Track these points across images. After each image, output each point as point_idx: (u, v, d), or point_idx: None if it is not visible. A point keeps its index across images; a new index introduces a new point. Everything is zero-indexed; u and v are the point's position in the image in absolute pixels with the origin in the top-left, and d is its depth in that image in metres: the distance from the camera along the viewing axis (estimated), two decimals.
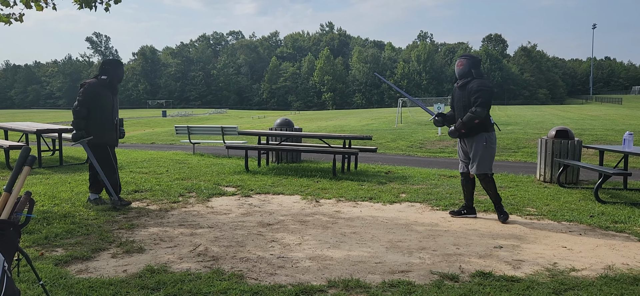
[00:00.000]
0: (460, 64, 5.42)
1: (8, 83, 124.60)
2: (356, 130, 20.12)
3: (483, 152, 5.30)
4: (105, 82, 5.75)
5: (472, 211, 5.62)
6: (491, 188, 5.39)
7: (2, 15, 6.52)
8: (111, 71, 5.77)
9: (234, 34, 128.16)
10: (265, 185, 7.35)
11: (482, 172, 5.33)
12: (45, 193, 6.34)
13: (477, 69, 5.34)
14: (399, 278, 3.53)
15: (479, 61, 5.43)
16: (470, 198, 5.59)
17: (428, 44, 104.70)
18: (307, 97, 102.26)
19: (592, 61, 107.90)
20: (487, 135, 5.29)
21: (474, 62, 5.36)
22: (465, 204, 5.64)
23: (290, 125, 10.77)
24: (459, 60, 5.45)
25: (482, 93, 5.14)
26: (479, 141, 5.29)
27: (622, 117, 28.36)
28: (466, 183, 5.57)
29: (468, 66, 5.34)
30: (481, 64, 5.47)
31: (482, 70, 5.48)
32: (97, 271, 3.64)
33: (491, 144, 5.32)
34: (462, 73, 5.38)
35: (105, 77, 5.74)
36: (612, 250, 4.31)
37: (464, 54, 5.52)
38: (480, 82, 5.21)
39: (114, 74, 5.78)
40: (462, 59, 5.44)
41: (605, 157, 9.56)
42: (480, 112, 5.11)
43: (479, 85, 5.18)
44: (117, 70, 5.82)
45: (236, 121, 38.71)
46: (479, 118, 5.14)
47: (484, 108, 5.11)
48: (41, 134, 9.36)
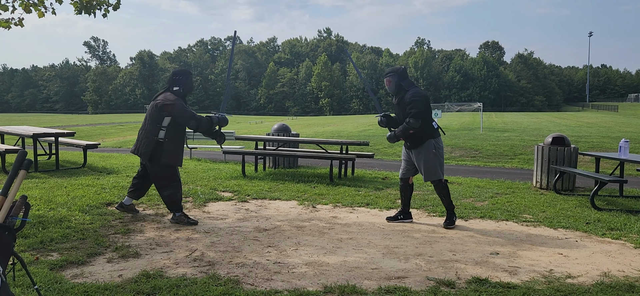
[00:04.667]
0: (388, 82, 5.48)
1: (5, 87, 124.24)
2: (353, 136, 20.14)
3: (433, 159, 5.34)
4: (180, 93, 5.34)
5: (409, 216, 5.68)
6: (445, 194, 5.44)
7: (2, 20, 6.51)
8: (184, 81, 5.39)
9: (231, 39, 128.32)
10: (262, 191, 7.34)
11: (436, 178, 5.38)
12: (41, 198, 6.31)
13: (405, 81, 5.42)
14: (395, 284, 3.53)
15: (405, 71, 5.49)
16: (407, 203, 5.65)
17: (425, 50, 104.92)
18: (304, 102, 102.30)
19: (589, 69, 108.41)
20: (435, 142, 5.36)
21: (399, 76, 5.42)
22: (402, 209, 5.68)
23: (287, 131, 10.77)
24: (386, 80, 5.51)
25: (415, 104, 5.21)
26: (428, 149, 5.33)
27: (618, 125, 28.48)
28: (405, 189, 5.62)
29: (395, 82, 5.42)
30: (407, 72, 5.52)
31: (410, 78, 5.54)
32: (93, 276, 3.62)
33: (439, 150, 5.39)
34: (392, 90, 5.48)
35: (178, 88, 5.33)
36: (608, 257, 4.32)
37: (387, 70, 5.55)
38: (412, 93, 5.30)
39: (187, 85, 5.40)
40: (388, 77, 5.49)
41: (602, 164, 9.59)
42: (414, 123, 5.18)
43: (411, 96, 5.27)
44: (189, 79, 5.44)
45: (233, 126, 38.70)
46: (413, 128, 5.22)
47: (417, 119, 5.18)
48: (38, 138, 9.33)
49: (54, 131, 9.84)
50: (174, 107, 5.18)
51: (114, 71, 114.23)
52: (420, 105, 5.21)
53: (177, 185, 5.38)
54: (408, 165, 5.57)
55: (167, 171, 5.34)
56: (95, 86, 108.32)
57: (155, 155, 5.27)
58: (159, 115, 5.24)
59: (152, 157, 5.28)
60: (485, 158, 13.65)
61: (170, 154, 5.30)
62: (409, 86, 5.39)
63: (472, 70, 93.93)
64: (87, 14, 6.68)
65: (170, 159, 5.32)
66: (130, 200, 5.64)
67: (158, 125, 5.24)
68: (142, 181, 5.62)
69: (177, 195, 5.36)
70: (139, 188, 5.64)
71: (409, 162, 5.56)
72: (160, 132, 5.24)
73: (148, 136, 5.27)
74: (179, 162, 5.41)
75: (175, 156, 5.36)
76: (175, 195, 5.35)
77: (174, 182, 5.36)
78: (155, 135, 5.24)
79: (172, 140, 5.30)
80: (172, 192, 5.34)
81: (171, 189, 5.34)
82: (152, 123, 5.27)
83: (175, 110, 5.18)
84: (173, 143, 5.31)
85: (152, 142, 5.25)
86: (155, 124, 5.24)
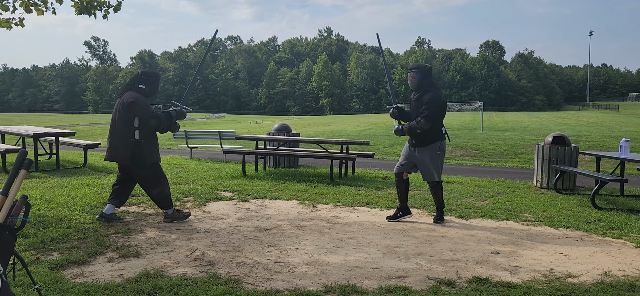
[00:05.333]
0: (411, 77, 5.48)
1: (5, 87, 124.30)
2: (354, 136, 20.14)
3: (437, 160, 5.40)
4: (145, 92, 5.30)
5: (408, 212, 5.71)
6: (439, 194, 5.54)
7: (2, 20, 6.51)
8: (151, 82, 5.35)
9: (232, 39, 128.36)
10: (262, 190, 7.34)
11: (437, 179, 5.45)
12: (41, 197, 6.31)
13: (428, 79, 5.41)
14: (395, 284, 3.53)
15: (429, 70, 5.48)
16: (404, 198, 5.66)
17: (426, 50, 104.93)
18: (305, 102, 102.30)
19: (589, 68, 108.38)
20: (440, 144, 5.41)
21: (423, 73, 5.42)
22: (400, 206, 5.70)
23: (288, 130, 10.77)
24: (410, 74, 5.49)
25: (429, 107, 5.22)
26: (433, 150, 5.38)
27: (619, 124, 28.47)
28: (400, 184, 5.65)
29: (418, 78, 5.41)
30: (432, 72, 5.53)
31: (434, 78, 5.55)
32: (93, 276, 3.63)
33: (442, 153, 5.45)
34: (414, 86, 5.48)
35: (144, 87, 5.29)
36: (608, 257, 4.32)
37: (412, 65, 5.55)
38: (431, 96, 5.29)
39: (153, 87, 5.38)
40: (412, 72, 5.48)
41: (602, 164, 9.58)
42: (424, 124, 5.21)
43: (429, 99, 5.27)
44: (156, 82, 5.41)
45: (234, 126, 38.70)
46: (421, 129, 5.24)
47: (427, 121, 5.20)
48: (38, 138, 9.34)
49: (55, 131, 9.85)
50: (137, 104, 5.10)
51: (115, 71, 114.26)
52: (434, 110, 5.22)
53: (163, 181, 5.39)
54: (406, 162, 5.59)
55: (153, 170, 5.33)
56: (95, 86, 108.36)
57: (137, 158, 5.19)
58: (128, 115, 5.14)
59: (133, 160, 5.20)
60: (486, 158, 13.64)
61: (152, 152, 5.28)
62: (430, 87, 5.38)
63: (473, 70, 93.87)
64: (87, 15, 6.68)
65: (154, 157, 5.31)
66: (112, 208, 5.32)
67: (131, 127, 5.14)
68: (123, 186, 5.41)
69: (165, 190, 5.37)
70: (120, 194, 5.40)
71: (407, 159, 5.58)
72: (136, 133, 5.16)
73: (122, 139, 5.16)
74: (159, 158, 5.42)
75: (156, 153, 5.37)
76: (164, 191, 5.35)
77: (160, 179, 5.36)
78: (130, 137, 5.14)
79: (148, 138, 5.26)
80: (160, 189, 5.34)
81: (159, 187, 5.33)
82: (123, 125, 5.15)
83: (138, 108, 5.11)
84: (150, 141, 5.28)
85: (128, 144, 5.15)
86: (128, 126, 5.14)
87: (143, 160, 5.21)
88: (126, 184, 5.44)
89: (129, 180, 5.44)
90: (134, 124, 5.15)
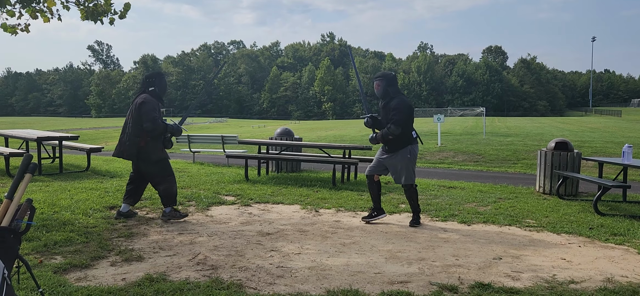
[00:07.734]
0: (376, 86, 5.68)
1: (9, 91, 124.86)
2: (356, 140, 20.14)
3: (408, 164, 5.56)
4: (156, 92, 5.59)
5: (382, 212, 5.84)
6: (414, 198, 5.67)
7: (8, 26, 6.56)
8: (158, 82, 5.65)
9: (235, 44, 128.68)
10: (265, 195, 7.35)
11: (410, 182, 5.60)
12: (45, 201, 6.34)
13: (392, 87, 5.62)
14: (398, 289, 3.53)
15: (394, 78, 5.69)
16: (377, 199, 5.80)
17: (428, 55, 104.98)
18: (307, 106, 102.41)
19: (592, 73, 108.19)
20: (411, 148, 5.56)
21: (388, 81, 5.62)
22: (374, 206, 5.82)
23: (290, 135, 10.78)
24: (375, 83, 5.69)
25: (397, 112, 5.43)
26: (403, 154, 5.54)
27: (622, 130, 28.41)
28: (372, 186, 5.79)
29: (383, 87, 5.61)
30: (396, 79, 5.73)
31: (398, 86, 5.76)
32: (96, 280, 3.64)
33: (413, 156, 5.59)
34: (380, 94, 5.66)
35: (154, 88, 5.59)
36: (611, 263, 4.31)
37: (378, 74, 5.75)
38: (397, 101, 5.51)
39: (161, 85, 5.66)
40: (377, 81, 5.68)
41: (605, 170, 9.56)
42: (394, 130, 5.41)
43: (396, 104, 5.48)
44: (162, 80, 5.72)
45: (236, 130, 38.73)
46: (392, 134, 5.45)
47: (397, 126, 5.40)
48: (42, 142, 9.37)
49: (58, 135, 9.88)
50: (145, 104, 5.39)
51: (118, 75, 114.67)
52: (401, 115, 5.42)
53: (171, 179, 5.65)
54: (378, 165, 5.76)
55: (160, 166, 5.59)
56: (98, 90, 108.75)
57: (144, 154, 5.48)
58: (139, 116, 5.43)
59: (140, 156, 5.49)
60: (488, 163, 13.63)
61: (158, 148, 5.56)
62: (396, 94, 5.59)
63: (475, 75, 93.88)
64: (93, 21, 6.72)
65: (160, 153, 5.59)
66: (127, 207, 5.67)
67: (140, 127, 5.43)
68: (136, 185, 5.73)
69: (172, 188, 5.61)
70: (133, 193, 5.72)
71: (379, 162, 5.75)
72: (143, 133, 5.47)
73: (131, 138, 5.46)
74: (167, 155, 5.69)
75: (162, 149, 5.63)
76: (170, 189, 5.60)
77: (168, 176, 5.63)
78: (138, 136, 5.44)
79: (154, 137, 5.52)
80: (168, 185, 5.59)
81: (166, 183, 5.58)
82: (134, 125, 5.46)
83: (144, 107, 5.38)
84: (155, 140, 5.54)
85: (135, 143, 5.44)
86: (138, 126, 5.45)
87: (149, 156, 5.50)
88: (138, 183, 5.74)
89: (141, 179, 5.73)
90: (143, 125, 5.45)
